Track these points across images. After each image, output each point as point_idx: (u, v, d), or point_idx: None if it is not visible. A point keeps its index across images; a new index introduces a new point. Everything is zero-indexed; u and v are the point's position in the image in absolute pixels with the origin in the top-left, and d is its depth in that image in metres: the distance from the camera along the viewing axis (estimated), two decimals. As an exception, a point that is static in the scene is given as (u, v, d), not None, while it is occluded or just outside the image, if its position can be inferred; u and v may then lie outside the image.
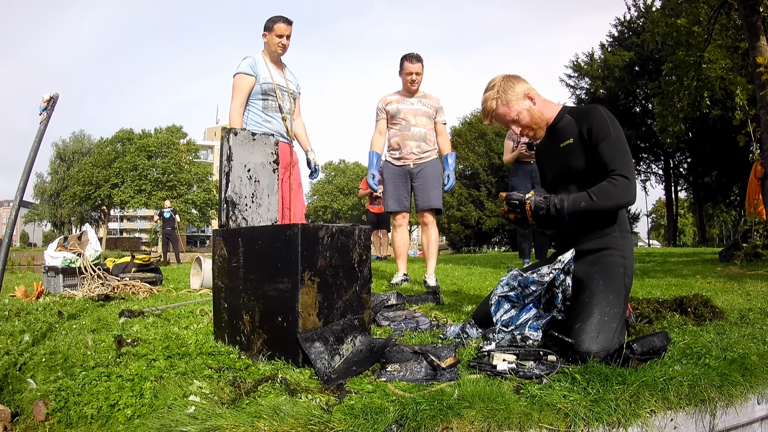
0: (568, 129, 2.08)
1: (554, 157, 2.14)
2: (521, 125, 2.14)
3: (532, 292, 1.94)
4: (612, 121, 1.97)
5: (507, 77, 2.15)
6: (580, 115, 2.05)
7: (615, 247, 2.00)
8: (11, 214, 2.29)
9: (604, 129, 1.96)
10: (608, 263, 1.97)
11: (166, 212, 13.74)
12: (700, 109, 10.46)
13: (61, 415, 1.52)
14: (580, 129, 2.02)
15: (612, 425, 1.33)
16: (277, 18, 3.52)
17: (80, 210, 43.41)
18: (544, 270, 1.94)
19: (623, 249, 2.01)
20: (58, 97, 2.46)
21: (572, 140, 2.04)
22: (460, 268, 6.13)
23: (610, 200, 1.91)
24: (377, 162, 4.09)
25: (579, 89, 26.77)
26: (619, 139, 1.95)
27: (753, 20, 6.97)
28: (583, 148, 2.01)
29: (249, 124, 3.52)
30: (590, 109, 2.04)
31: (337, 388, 1.51)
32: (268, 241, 1.83)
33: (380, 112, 4.06)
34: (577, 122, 2.04)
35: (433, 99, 4.07)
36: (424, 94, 4.07)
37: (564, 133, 2.09)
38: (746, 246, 5.51)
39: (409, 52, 3.99)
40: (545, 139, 2.21)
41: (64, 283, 3.88)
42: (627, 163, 1.93)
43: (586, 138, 1.99)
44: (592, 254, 2.02)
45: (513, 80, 2.14)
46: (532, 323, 1.89)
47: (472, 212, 32.38)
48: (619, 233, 2.02)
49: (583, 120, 2.02)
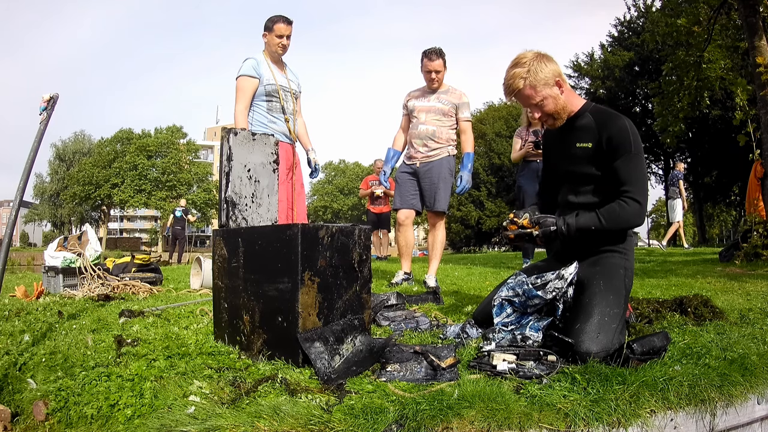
0: (587, 131, 1.98)
1: (566, 153, 2.06)
2: (543, 112, 2.00)
3: (534, 304, 1.93)
4: (635, 138, 1.89)
5: (539, 55, 1.97)
6: (603, 121, 1.95)
7: (617, 249, 2.00)
8: (11, 214, 2.29)
9: (625, 144, 1.88)
10: (609, 264, 1.96)
11: (177, 211, 13.84)
12: (700, 109, 10.47)
13: (61, 415, 1.52)
14: (600, 136, 1.93)
15: (612, 425, 1.33)
16: (277, 18, 3.50)
17: (80, 210, 43.45)
18: (549, 276, 1.92)
19: (625, 250, 2.00)
20: (58, 97, 2.46)
21: (590, 145, 1.96)
22: (460, 268, 6.13)
23: (619, 224, 1.88)
24: (392, 158, 4.05)
25: (579, 89, 26.76)
26: (638, 159, 1.88)
27: (753, 20, 6.97)
28: (600, 156, 1.93)
29: (254, 125, 3.51)
30: (615, 118, 1.94)
31: (337, 388, 1.51)
32: (268, 241, 1.83)
33: (403, 109, 4.02)
34: (598, 127, 1.95)
35: (456, 94, 3.87)
36: (447, 89, 3.89)
37: (582, 134, 2.00)
38: (746, 246, 5.51)
39: (430, 48, 3.80)
40: (558, 131, 2.10)
41: (64, 283, 3.88)
42: (642, 186, 1.88)
43: (605, 148, 1.92)
44: (594, 255, 2.01)
45: (545, 60, 1.96)
46: (533, 324, 1.89)
47: (472, 212, 32.38)
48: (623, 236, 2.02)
49: (605, 128, 1.93)
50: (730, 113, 15.69)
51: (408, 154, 3.99)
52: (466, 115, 3.92)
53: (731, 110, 16.67)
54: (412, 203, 3.93)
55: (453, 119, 3.89)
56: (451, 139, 3.92)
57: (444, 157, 3.89)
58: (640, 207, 1.87)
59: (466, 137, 3.95)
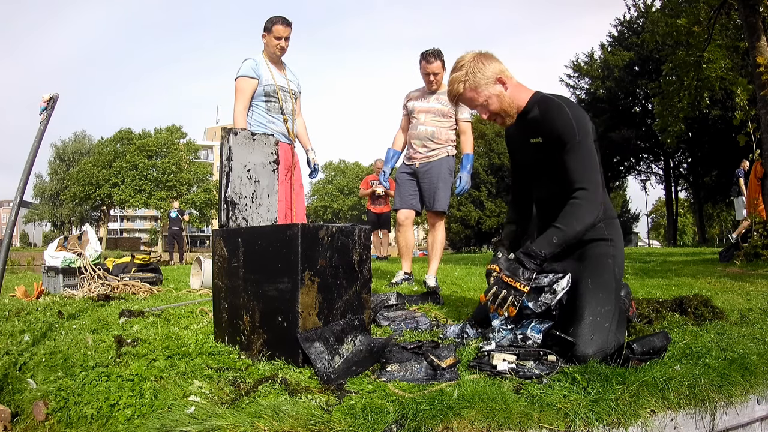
0: (536, 125, 1.95)
1: (525, 149, 2.05)
2: (489, 111, 1.98)
3: (526, 314, 1.92)
4: (579, 124, 1.84)
5: (478, 56, 1.95)
6: (545, 114, 1.91)
7: (602, 237, 1.93)
8: (11, 214, 2.29)
9: (568, 134, 1.83)
10: (595, 255, 1.90)
11: (172, 212, 13.97)
12: (700, 109, 10.47)
13: (61, 415, 1.52)
14: (547, 131, 1.90)
15: (612, 425, 1.33)
16: (276, 19, 3.50)
17: (80, 210, 43.47)
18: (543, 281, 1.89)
19: (611, 237, 1.94)
20: (58, 97, 2.46)
21: (541, 140, 1.94)
22: (460, 268, 6.13)
23: (579, 223, 1.82)
24: (392, 159, 4.06)
25: (579, 89, 26.80)
26: (585, 150, 1.83)
27: (753, 20, 6.97)
28: (551, 149, 1.91)
29: (253, 125, 3.52)
30: (556, 109, 1.89)
31: (337, 388, 1.51)
32: (268, 241, 1.83)
33: (403, 109, 4.02)
34: (543, 120, 1.92)
35: None
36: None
37: (533, 128, 1.97)
38: (746, 246, 5.51)
39: (428, 50, 3.79)
40: (516, 127, 2.07)
41: (64, 283, 3.87)
42: (590, 175, 1.83)
43: (552, 141, 1.89)
44: (580, 248, 1.94)
45: (484, 60, 1.94)
46: (534, 326, 1.88)
47: (472, 212, 32.39)
48: (605, 221, 1.94)
49: (547, 120, 1.90)
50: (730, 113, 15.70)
51: (407, 155, 3.99)
52: (466, 116, 3.91)
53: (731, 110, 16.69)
54: (412, 203, 3.93)
55: (452, 120, 3.89)
56: (450, 139, 3.91)
57: (443, 157, 3.88)
58: (595, 200, 1.81)
59: (465, 138, 3.94)
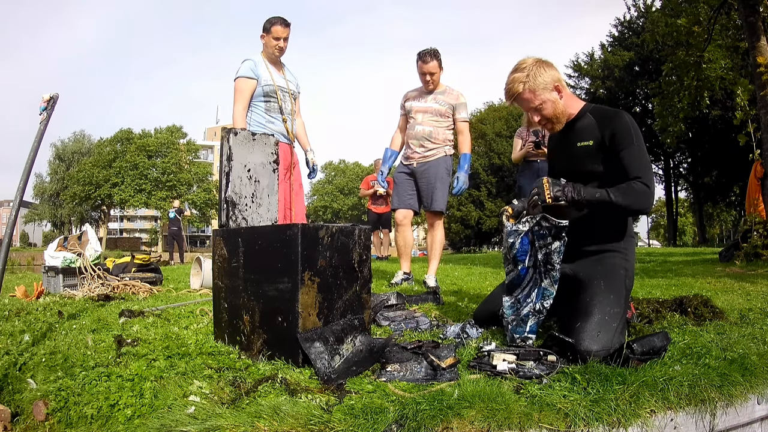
0: (588, 130, 2.04)
1: (568, 154, 2.11)
2: (542, 116, 2.07)
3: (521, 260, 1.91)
4: (635, 131, 1.94)
5: (539, 61, 2.05)
6: (603, 119, 2.00)
7: (618, 250, 2.01)
8: (11, 214, 2.29)
9: (627, 137, 1.92)
10: (610, 264, 1.97)
11: (171, 212, 14.01)
12: (700, 109, 10.46)
13: (61, 415, 1.52)
14: (602, 133, 1.98)
15: (612, 425, 1.33)
16: (275, 20, 3.50)
17: (80, 210, 43.43)
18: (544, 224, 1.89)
19: (626, 251, 2.02)
20: (58, 97, 2.46)
21: (592, 142, 2.01)
22: (460, 268, 6.12)
23: (628, 200, 1.87)
24: (389, 159, 4.05)
25: (579, 89, 26.76)
26: (642, 150, 1.93)
27: (753, 20, 6.96)
28: (603, 152, 1.97)
29: (252, 125, 3.53)
30: (615, 114, 1.99)
31: (337, 388, 1.51)
32: (268, 241, 1.83)
33: (400, 109, 4.01)
34: (599, 125, 2.00)
35: (453, 95, 3.85)
36: (445, 89, 3.87)
37: (583, 133, 2.05)
38: (746, 246, 5.50)
39: (424, 50, 3.78)
40: (560, 134, 2.16)
41: (64, 283, 3.87)
42: (649, 172, 1.92)
43: (607, 144, 1.96)
44: (595, 255, 2.03)
45: (545, 66, 2.04)
46: (532, 326, 1.89)
47: (472, 212, 32.36)
48: (625, 239, 2.04)
49: (606, 124, 1.98)
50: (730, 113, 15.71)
51: (405, 155, 3.99)
52: (464, 116, 3.90)
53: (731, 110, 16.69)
54: (410, 203, 3.92)
55: (450, 120, 3.88)
56: (447, 139, 3.90)
57: (441, 157, 3.87)
58: (648, 190, 1.89)
59: (463, 138, 3.91)
